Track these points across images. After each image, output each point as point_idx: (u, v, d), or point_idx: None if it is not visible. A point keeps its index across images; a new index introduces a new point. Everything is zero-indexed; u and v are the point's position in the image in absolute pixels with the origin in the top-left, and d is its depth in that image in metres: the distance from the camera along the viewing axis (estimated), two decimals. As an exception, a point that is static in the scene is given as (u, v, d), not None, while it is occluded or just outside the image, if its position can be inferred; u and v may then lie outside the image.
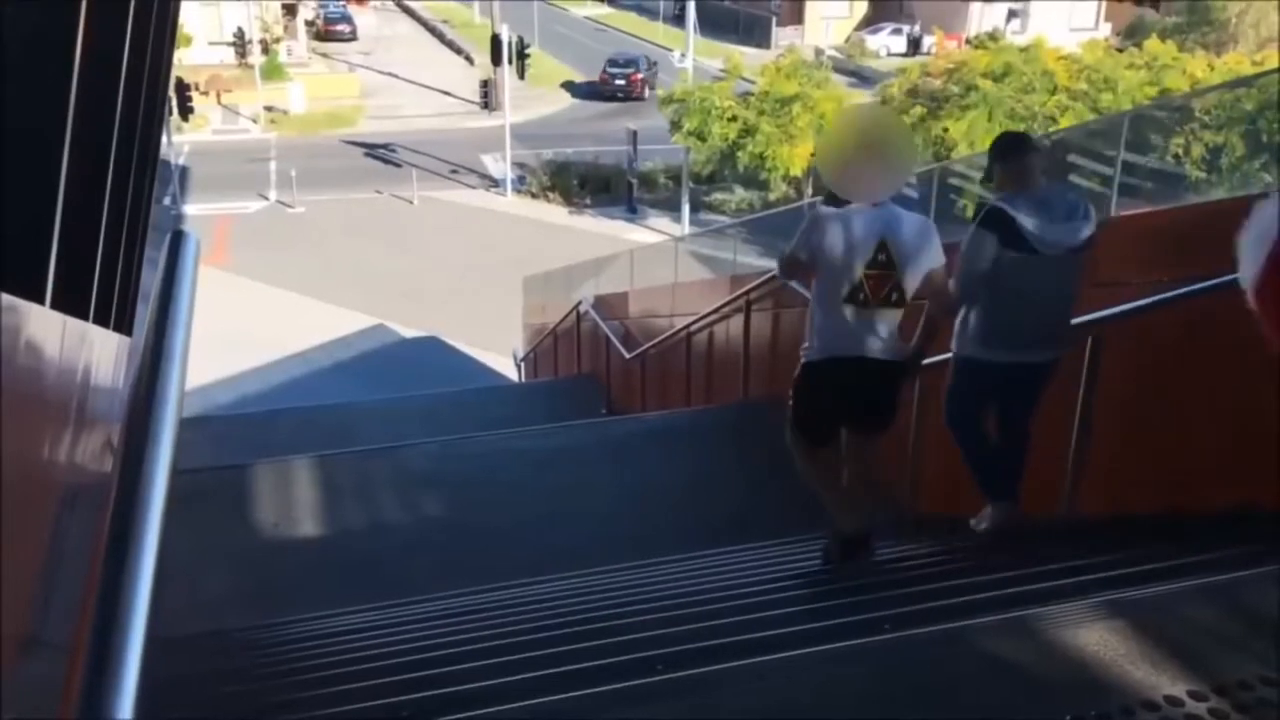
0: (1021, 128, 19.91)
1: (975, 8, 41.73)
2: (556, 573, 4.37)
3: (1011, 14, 41.10)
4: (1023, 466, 3.93)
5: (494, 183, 28.38)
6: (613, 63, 36.20)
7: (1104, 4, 43.28)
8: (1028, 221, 3.54)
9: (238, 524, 5.35)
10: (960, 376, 3.92)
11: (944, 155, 19.61)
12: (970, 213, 14.86)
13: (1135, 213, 4.82)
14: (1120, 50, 23.91)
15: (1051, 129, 19.44)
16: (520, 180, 28.05)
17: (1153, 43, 22.61)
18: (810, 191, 22.74)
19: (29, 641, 1.43)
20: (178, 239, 1.94)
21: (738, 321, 7.33)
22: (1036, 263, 3.57)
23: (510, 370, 15.72)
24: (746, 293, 7.28)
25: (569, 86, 38.00)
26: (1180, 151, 15.14)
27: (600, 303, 11.74)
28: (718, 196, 26.36)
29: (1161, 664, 1.96)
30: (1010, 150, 3.78)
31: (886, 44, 42.48)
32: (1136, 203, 6.07)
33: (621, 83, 35.34)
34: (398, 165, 28.95)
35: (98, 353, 2.28)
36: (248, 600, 4.52)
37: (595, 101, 35.52)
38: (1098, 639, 2.05)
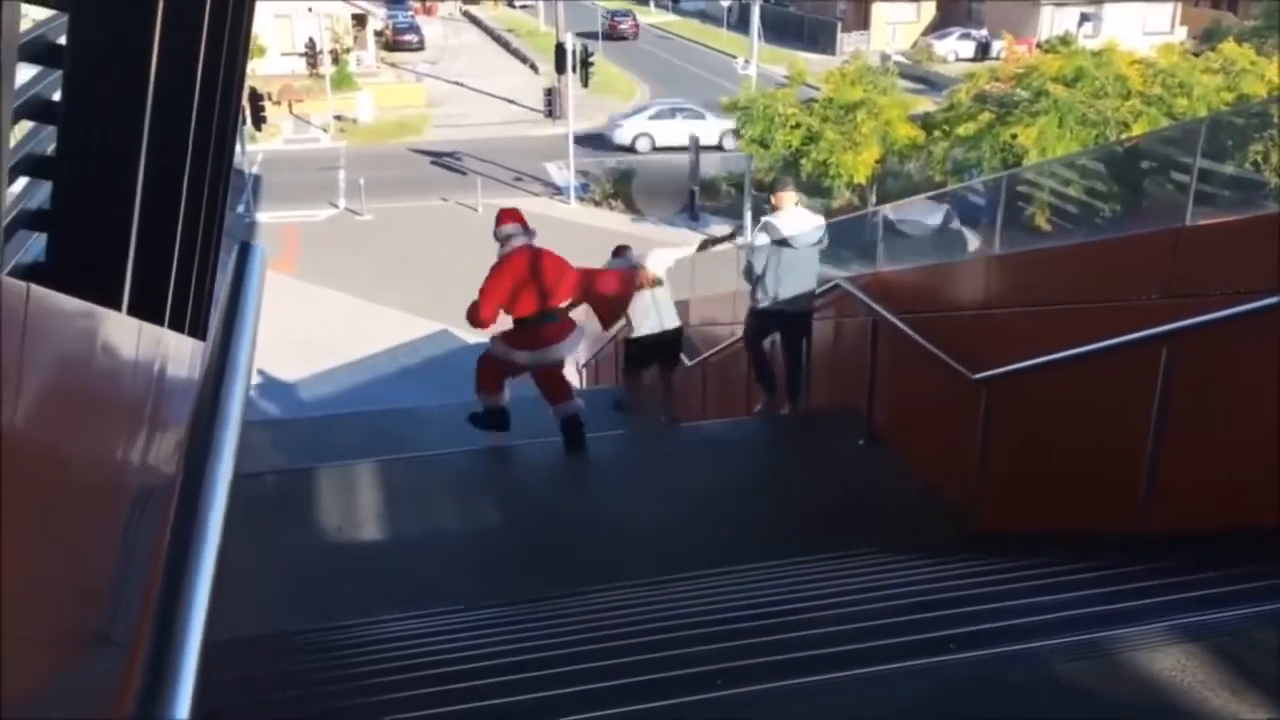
0: (1094, 134, 19.48)
1: (1046, 12, 41.01)
2: (616, 582, 4.36)
3: (1084, 18, 40.32)
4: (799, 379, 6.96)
5: (557, 190, 28.56)
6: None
7: (1180, 7, 42.25)
8: (782, 228, 6.55)
9: (299, 527, 5.42)
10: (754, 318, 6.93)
11: (1013, 162, 19.24)
12: (1039, 220, 14.64)
13: (1213, 222, 4.67)
14: (1196, 54, 23.26)
15: (1125, 135, 19.01)
16: (583, 188, 28.18)
17: (1229, 46, 21.96)
18: (874, 199, 22.49)
19: (89, 639, 1.46)
20: (245, 251, 1.97)
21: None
22: (792, 253, 6.55)
23: (572, 376, 15.77)
24: (809, 300, 7.21)
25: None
26: (1259, 158, 14.69)
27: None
28: (781, 204, 26.20)
29: (1242, 692, 1.89)
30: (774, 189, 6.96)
31: (954, 49, 41.94)
32: (1214, 211, 5.88)
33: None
34: (463, 173, 29.27)
35: (172, 357, 2.32)
36: (307, 604, 4.58)
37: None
38: (1174, 664, 1.98)
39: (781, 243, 6.60)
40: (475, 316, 5.87)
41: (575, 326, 6.07)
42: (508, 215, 6.05)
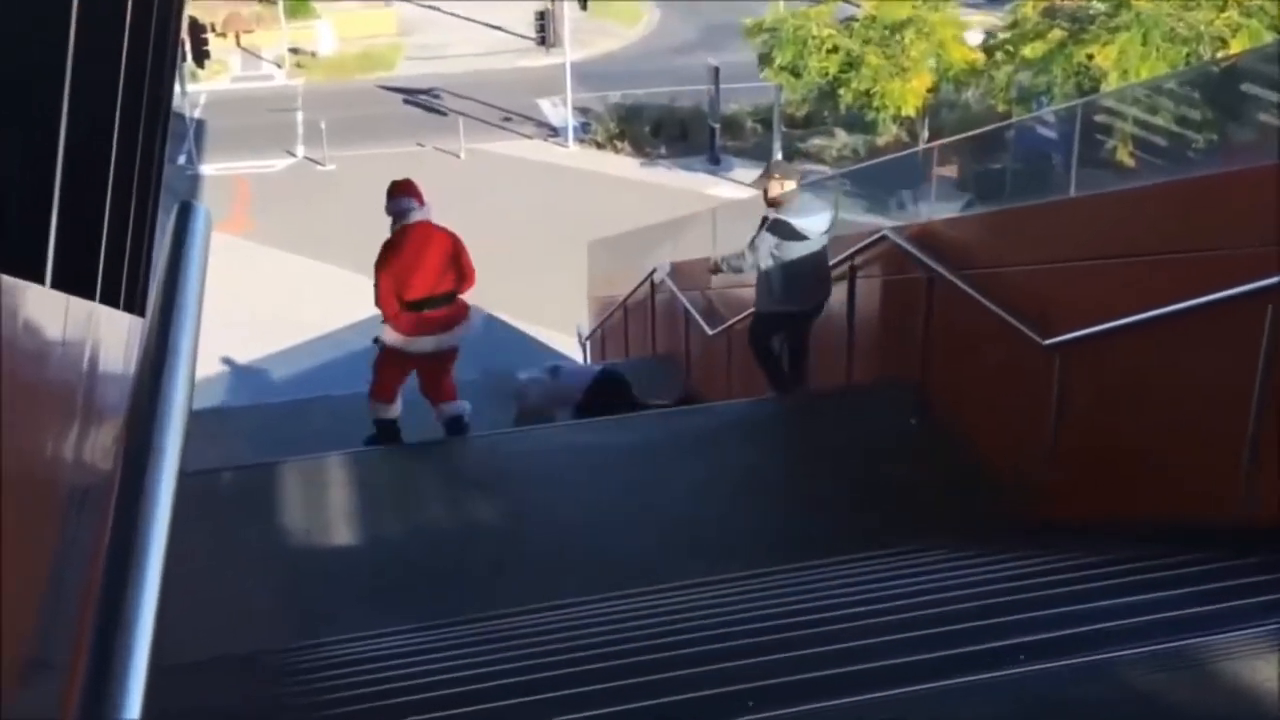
0: (1184, 52, 19.28)
1: (1127, -91, 40.52)
2: (624, 589, 4.38)
3: (1172, -85, 39.82)
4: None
5: (553, 131, 28.52)
6: None
7: (1287, -101, 41.69)
8: (794, 219, 6.63)
9: (261, 532, 5.45)
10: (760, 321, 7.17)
11: (1089, 88, 19.09)
12: (1121, 155, 14.56)
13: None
14: (1306, -45, 22.97)
15: (1221, 53, 18.82)
16: (584, 128, 28.13)
17: (1347, -55, 21.69)
18: (926, 134, 22.36)
19: (16, 663, 1.48)
20: (185, 212, 1.98)
21: (840, 290, 7.27)
22: (799, 245, 6.64)
23: (574, 350, 15.81)
24: (850, 256, 7.19)
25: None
26: (1383, 77, 14.53)
27: (678, 271, 11.71)
28: (816, 142, 26.09)
29: (1359, 704, 1.89)
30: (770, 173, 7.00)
31: (1018, -45, 41.55)
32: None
33: None
34: (442, 113, 29.25)
35: (105, 337, 2.34)
36: (272, 620, 4.61)
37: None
38: (1276, 673, 1.99)
39: (790, 236, 6.63)
40: (378, 303, 6.45)
41: (469, 310, 6.47)
42: (400, 188, 6.34)
